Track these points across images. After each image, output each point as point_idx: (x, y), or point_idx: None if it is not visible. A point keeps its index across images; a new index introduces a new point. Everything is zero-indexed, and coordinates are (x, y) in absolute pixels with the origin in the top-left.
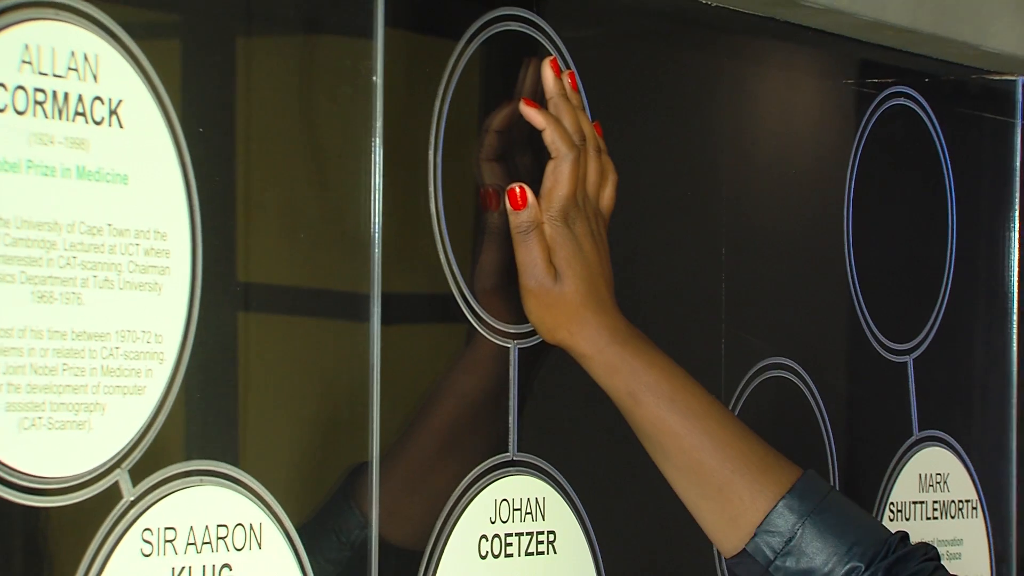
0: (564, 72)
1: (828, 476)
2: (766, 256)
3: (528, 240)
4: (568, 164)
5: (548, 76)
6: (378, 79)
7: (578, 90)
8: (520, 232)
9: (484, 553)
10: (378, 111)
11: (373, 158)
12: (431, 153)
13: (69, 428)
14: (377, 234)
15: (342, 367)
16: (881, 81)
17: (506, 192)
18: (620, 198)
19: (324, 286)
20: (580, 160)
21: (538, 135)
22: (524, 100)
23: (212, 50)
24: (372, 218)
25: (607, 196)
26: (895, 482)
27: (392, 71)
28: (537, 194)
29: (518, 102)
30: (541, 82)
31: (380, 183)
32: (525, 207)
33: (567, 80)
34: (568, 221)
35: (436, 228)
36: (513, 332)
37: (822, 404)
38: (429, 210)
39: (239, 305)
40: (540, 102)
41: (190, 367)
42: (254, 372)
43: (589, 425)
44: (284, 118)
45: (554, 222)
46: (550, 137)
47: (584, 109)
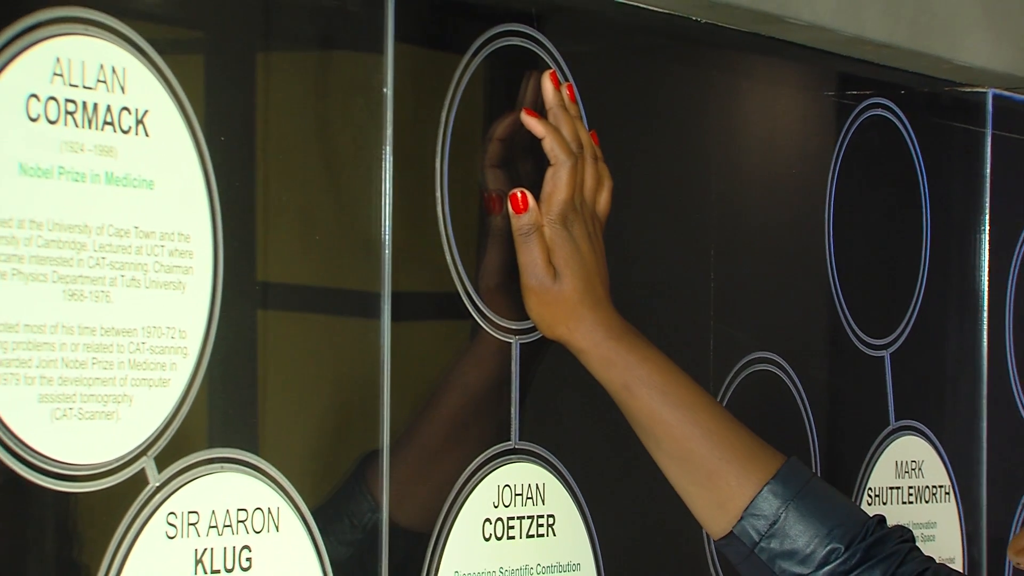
0: (563, 84)
1: (810, 463)
2: (752, 256)
3: (529, 242)
4: (566, 170)
5: (548, 88)
6: (388, 91)
7: (576, 101)
8: (521, 234)
9: (488, 535)
10: (388, 121)
11: (384, 165)
12: (438, 160)
13: (98, 418)
14: (387, 236)
15: (354, 361)
16: (860, 93)
17: (508, 197)
18: (615, 202)
19: (337, 285)
20: (578, 167)
21: (538, 143)
22: (525, 110)
23: (233, 64)
24: (382, 221)
25: (603, 200)
26: (873, 469)
27: (401, 84)
28: (537, 199)
29: (520, 112)
30: (541, 93)
31: (390, 188)
32: (526, 211)
33: (566, 92)
34: (566, 224)
35: (443, 231)
36: (515, 328)
37: (804, 396)
38: (436, 214)
39: (258, 303)
40: (540, 112)
41: (212, 361)
42: (272, 366)
43: (586, 416)
44: (300, 127)
45: (553, 225)
46: (549, 145)
47: (582, 119)
